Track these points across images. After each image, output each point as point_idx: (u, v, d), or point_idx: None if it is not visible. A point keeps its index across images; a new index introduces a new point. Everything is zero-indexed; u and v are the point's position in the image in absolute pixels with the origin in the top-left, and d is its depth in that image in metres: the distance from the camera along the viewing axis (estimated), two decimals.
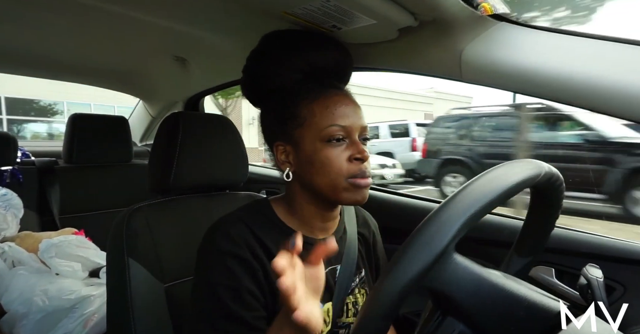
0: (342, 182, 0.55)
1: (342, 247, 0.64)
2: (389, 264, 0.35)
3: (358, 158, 0.55)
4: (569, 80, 0.56)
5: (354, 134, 0.56)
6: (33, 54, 1.23)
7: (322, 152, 0.55)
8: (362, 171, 0.55)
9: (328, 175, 0.55)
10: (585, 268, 0.49)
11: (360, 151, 0.55)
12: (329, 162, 0.54)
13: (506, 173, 0.40)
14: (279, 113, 0.59)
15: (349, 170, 0.55)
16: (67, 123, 1.42)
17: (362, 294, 0.65)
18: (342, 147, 0.56)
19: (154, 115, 1.79)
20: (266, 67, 0.61)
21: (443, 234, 0.34)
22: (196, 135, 0.78)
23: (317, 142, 0.55)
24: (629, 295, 0.72)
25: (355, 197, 0.56)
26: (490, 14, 0.64)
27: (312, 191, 0.58)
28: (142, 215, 0.72)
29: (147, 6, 0.83)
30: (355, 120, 0.56)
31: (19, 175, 1.38)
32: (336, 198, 0.56)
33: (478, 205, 0.35)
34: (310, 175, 0.56)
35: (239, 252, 0.53)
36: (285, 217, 0.61)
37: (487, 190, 0.37)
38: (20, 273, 0.99)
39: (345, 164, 0.55)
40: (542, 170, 0.43)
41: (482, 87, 0.68)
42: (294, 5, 0.66)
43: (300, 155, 0.57)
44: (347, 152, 0.55)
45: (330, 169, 0.55)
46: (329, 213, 0.61)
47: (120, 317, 0.68)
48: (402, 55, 0.77)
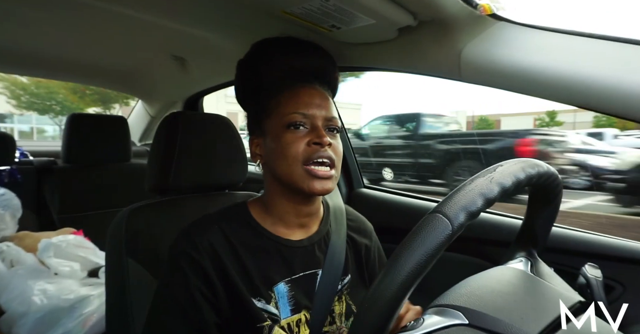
0: (299, 168, 0.54)
1: (323, 251, 0.62)
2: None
3: (317, 143, 0.55)
4: (568, 80, 0.56)
5: (317, 122, 0.56)
6: (31, 53, 1.22)
7: (282, 137, 0.55)
8: (319, 155, 0.54)
9: (286, 160, 0.55)
10: (585, 267, 0.49)
11: (319, 136, 0.54)
12: (287, 146, 0.55)
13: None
14: (255, 110, 0.62)
15: (304, 154, 0.54)
16: (65, 123, 1.41)
17: (343, 301, 0.62)
18: (303, 133, 0.56)
19: (153, 114, 1.79)
20: (251, 73, 0.63)
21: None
22: (195, 135, 0.78)
23: (280, 128, 0.56)
24: (628, 294, 0.72)
25: (314, 186, 0.54)
26: (489, 13, 0.64)
27: (279, 180, 0.58)
28: (141, 214, 0.72)
29: (146, 6, 0.83)
30: (318, 109, 0.57)
31: (18, 175, 1.37)
32: (296, 186, 0.56)
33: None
34: (274, 162, 0.57)
35: (193, 254, 0.54)
36: (261, 217, 0.61)
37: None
38: (19, 272, 0.99)
39: (303, 148, 0.55)
40: (541, 168, 0.43)
41: (481, 86, 0.68)
42: (293, 4, 0.66)
43: (267, 144, 0.59)
44: (307, 138, 0.55)
45: (287, 154, 0.55)
46: (303, 208, 0.60)
47: (119, 317, 0.68)
48: (401, 55, 0.77)
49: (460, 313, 0.39)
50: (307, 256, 0.61)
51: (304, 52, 0.64)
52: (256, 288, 0.56)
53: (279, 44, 0.65)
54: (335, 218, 0.67)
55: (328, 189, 0.56)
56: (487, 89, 0.69)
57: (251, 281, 0.56)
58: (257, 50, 0.65)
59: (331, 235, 0.64)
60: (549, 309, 0.41)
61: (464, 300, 0.40)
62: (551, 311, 0.40)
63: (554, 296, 0.44)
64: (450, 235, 0.34)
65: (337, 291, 0.62)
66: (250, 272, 0.56)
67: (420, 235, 0.34)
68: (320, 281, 0.60)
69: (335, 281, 0.61)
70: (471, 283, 0.44)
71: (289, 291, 0.58)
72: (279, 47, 0.64)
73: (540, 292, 0.45)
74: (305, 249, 0.61)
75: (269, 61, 0.62)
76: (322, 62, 0.66)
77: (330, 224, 0.66)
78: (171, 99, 1.63)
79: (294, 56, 0.62)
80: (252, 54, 0.65)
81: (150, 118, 1.82)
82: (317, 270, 0.61)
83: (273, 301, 0.56)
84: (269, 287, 0.57)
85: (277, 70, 0.61)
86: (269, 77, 0.61)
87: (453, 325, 0.38)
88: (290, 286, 0.58)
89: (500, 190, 0.37)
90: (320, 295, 0.59)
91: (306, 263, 0.60)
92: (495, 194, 0.36)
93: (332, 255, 0.62)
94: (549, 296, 0.44)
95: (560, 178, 0.47)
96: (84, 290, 0.98)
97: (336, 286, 0.61)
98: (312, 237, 0.62)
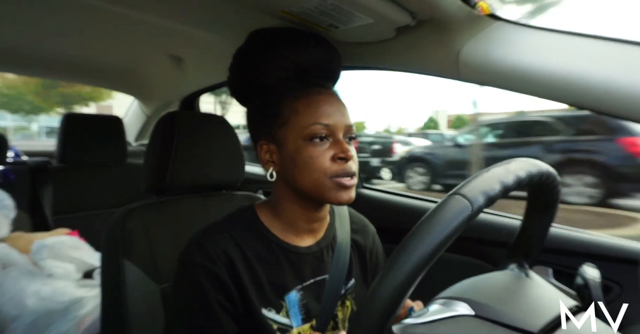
0: (327, 181, 0.53)
1: (331, 256, 0.62)
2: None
3: (342, 157, 0.53)
4: (565, 79, 0.56)
5: (338, 133, 0.55)
6: (27, 52, 1.21)
7: (305, 151, 0.53)
8: (346, 171, 0.53)
9: (311, 175, 0.53)
10: (583, 267, 0.49)
11: (344, 150, 0.53)
12: (312, 161, 0.53)
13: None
14: (263, 112, 0.58)
15: (332, 170, 0.53)
16: (60, 123, 1.40)
17: (347, 306, 0.62)
18: (326, 145, 0.54)
19: (149, 114, 1.78)
20: (250, 65, 0.60)
21: None
22: (192, 135, 0.77)
23: (300, 140, 0.54)
24: (626, 294, 0.72)
25: (341, 196, 0.54)
26: (487, 13, 0.64)
27: (297, 190, 0.56)
28: (138, 215, 0.71)
29: (143, 4, 0.82)
30: (339, 118, 0.55)
31: (11, 175, 1.36)
32: (322, 198, 0.54)
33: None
34: (294, 174, 0.55)
35: (209, 266, 0.52)
36: (270, 222, 0.59)
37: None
38: (11, 274, 0.98)
39: (329, 163, 0.53)
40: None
41: (480, 86, 0.68)
42: (291, 4, 0.65)
43: (284, 154, 0.56)
44: (330, 151, 0.54)
45: (313, 168, 0.53)
46: (314, 214, 0.59)
47: (115, 319, 0.67)
48: (399, 55, 0.77)
49: (466, 304, 0.39)
50: (316, 262, 0.60)
51: (310, 45, 0.61)
52: (267, 296, 0.55)
53: (280, 35, 0.62)
54: (340, 221, 0.66)
55: (353, 197, 0.55)
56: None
57: (262, 290, 0.55)
58: (256, 41, 0.62)
59: (337, 239, 0.63)
60: (550, 307, 0.41)
61: (468, 293, 0.41)
62: (552, 309, 0.41)
63: (553, 296, 0.44)
64: (469, 217, 0.33)
65: (341, 296, 0.60)
66: (262, 280, 0.55)
67: (440, 213, 0.33)
68: (327, 287, 0.59)
69: (340, 285, 0.60)
70: (473, 281, 0.45)
71: (301, 299, 0.57)
72: (282, 40, 0.61)
73: (540, 292, 0.45)
74: (314, 255, 0.60)
75: (272, 56, 0.59)
76: (330, 56, 0.63)
77: (336, 228, 0.65)
78: (167, 99, 1.62)
79: (300, 50, 0.59)
80: (252, 45, 0.62)
81: (146, 118, 1.81)
82: (325, 276, 0.60)
83: (284, 311, 0.55)
84: (281, 296, 0.56)
85: (284, 67, 0.58)
86: (276, 77, 0.58)
87: (459, 315, 0.38)
88: (302, 294, 0.57)
89: (515, 179, 0.37)
90: (324, 299, 0.58)
91: (316, 269, 0.59)
92: (511, 183, 0.37)
93: (337, 259, 0.61)
94: (549, 297, 0.44)
95: (558, 178, 0.47)
96: (78, 292, 0.97)
97: (340, 290, 0.60)
98: (320, 242, 0.61)
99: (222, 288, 0.52)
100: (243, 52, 0.63)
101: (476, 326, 0.37)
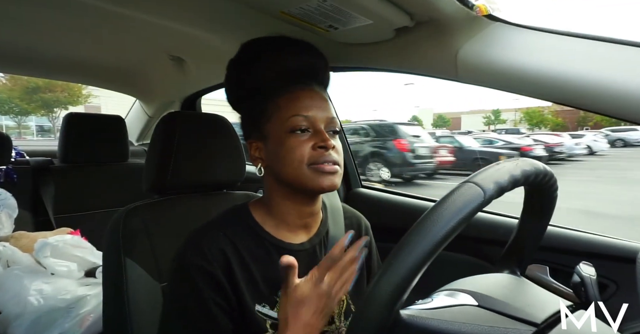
0: (305, 170, 0.55)
1: (323, 252, 0.62)
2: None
3: (322, 146, 0.55)
4: (563, 80, 0.57)
5: (319, 124, 0.56)
6: (29, 53, 1.22)
7: (286, 142, 0.55)
8: (324, 158, 0.55)
9: (292, 164, 0.55)
10: (579, 266, 0.50)
11: (323, 139, 0.55)
12: (292, 150, 0.55)
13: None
14: (251, 112, 0.61)
15: (310, 157, 0.55)
16: (62, 122, 1.41)
17: (342, 300, 0.62)
18: (306, 136, 0.56)
19: (151, 114, 1.79)
20: (243, 72, 0.62)
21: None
22: (193, 135, 0.78)
23: (282, 133, 0.56)
24: (621, 292, 0.73)
25: (322, 182, 0.55)
26: (485, 14, 0.65)
27: (284, 184, 0.58)
28: (139, 214, 0.72)
29: (144, 5, 0.82)
30: (319, 111, 0.57)
31: (14, 174, 1.37)
32: (304, 187, 0.56)
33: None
34: (278, 167, 0.57)
35: (205, 266, 0.53)
36: (263, 220, 0.60)
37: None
38: (14, 273, 0.99)
39: (308, 152, 0.55)
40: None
41: (478, 86, 0.69)
42: (291, 5, 0.66)
43: (269, 148, 0.58)
44: (310, 142, 0.55)
45: (293, 157, 0.55)
46: (305, 208, 0.60)
47: (117, 317, 0.68)
48: (398, 55, 0.78)
49: (469, 296, 0.40)
50: (309, 259, 0.61)
51: (297, 51, 0.63)
52: (261, 293, 0.56)
53: (270, 43, 0.64)
54: (333, 217, 0.67)
55: (336, 184, 0.56)
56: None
57: (256, 287, 0.56)
58: (247, 49, 0.64)
59: (330, 235, 0.64)
60: (550, 303, 0.42)
61: (471, 287, 0.41)
62: (552, 304, 0.42)
63: (551, 295, 0.45)
64: (481, 204, 0.34)
65: None
66: (256, 277, 0.56)
67: (453, 199, 0.34)
68: None
69: None
70: (473, 277, 0.46)
71: None
72: (271, 47, 0.64)
73: (538, 291, 0.46)
74: (306, 252, 0.61)
75: (262, 61, 0.61)
76: (316, 60, 0.65)
77: (329, 224, 0.66)
78: (169, 99, 1.63)
79: (287, 56, 0.61)
80: (244, 53, 0.64)
81: (147, 118, 1.82)
82: None
83: (278, 306, 0.56)
84: (275, 292, 0.57)
85: (272, 70, 0.60)
86: (264, 79, 0.60)
87: (463, 305, 0.39)
88: None
89: (522, 174, 0.38)
90: None
91: (309, 266, 0.59)
92: (519, 177, 0.38)
93: None
94: (547, 295, 0.45)
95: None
96: (81, 290, 0.97)
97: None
98: (313, 239, 0.62)
99: (217, 288, 0.53)
100: (236, 61, 0.65)
101: (480, 314, 0.38)
